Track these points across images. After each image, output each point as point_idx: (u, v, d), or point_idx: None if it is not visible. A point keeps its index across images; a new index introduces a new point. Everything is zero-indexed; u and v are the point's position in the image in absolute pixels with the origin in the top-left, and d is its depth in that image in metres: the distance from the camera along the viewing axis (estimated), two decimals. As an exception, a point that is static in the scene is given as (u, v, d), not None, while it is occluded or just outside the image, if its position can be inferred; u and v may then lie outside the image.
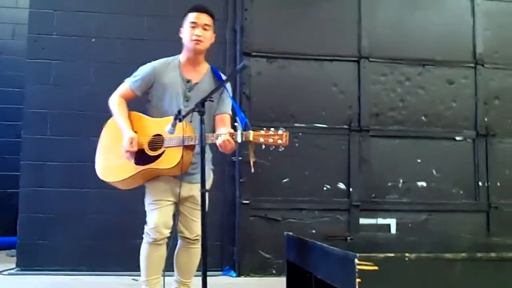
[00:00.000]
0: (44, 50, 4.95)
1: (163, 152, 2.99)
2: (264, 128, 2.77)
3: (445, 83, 5.41)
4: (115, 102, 3.19)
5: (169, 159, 2.96)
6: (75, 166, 4.82)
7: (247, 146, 2.87)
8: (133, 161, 3.04)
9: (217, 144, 2.84)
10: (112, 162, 3.15)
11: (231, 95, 3.23)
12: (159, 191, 3.08)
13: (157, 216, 3.05)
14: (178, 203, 3.09)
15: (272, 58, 5.16)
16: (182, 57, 3.22)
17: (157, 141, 3.04)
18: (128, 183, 3.13)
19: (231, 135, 2.81)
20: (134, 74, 3.22)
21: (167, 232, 3.07)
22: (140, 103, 3.26)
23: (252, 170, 3.06)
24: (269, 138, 2.74)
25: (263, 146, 2.77)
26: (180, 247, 3.27)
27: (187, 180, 3.07)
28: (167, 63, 3.22)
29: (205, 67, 3.25)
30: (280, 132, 2.74)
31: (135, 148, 3.01)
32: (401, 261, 2.33)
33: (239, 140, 2.78)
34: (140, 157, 3.04)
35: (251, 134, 2.76)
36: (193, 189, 3.08)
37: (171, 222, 3.11)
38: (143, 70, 3.20)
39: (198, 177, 2.83)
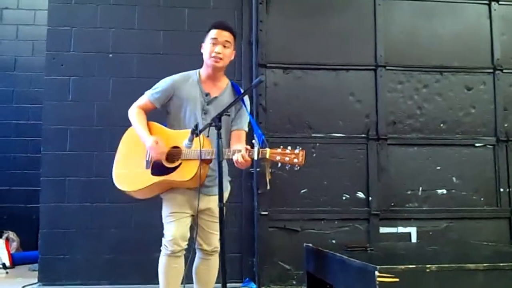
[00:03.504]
0: (62, 66, 5.01)
1: (179, 164, 3.02)
2: (281, 146, 2.79)
3: (463, 89, 5.35)
4: (134, 112, 3.24)
5: (185, 171, 2.98)
6: (94, 181, 4.86)
7: (263, 162, 2.88)
8: (150, 171, 3.07)
9: (233, 160, 2.84)
10: (129, 171, 3.18)
11: (249, 110, 3.24)
12: (176, 204, 3.11)
13: (174, 228, 3.07)
14: (196, 216, 3.12)
15: (288, 69, 5.15)
16: (203, 72, 3.26)
17: (174, 153, 3.06)
18: (144, 192, 3.16)
19: (248, 151, 2.81)
20: (154, 87, 3.26)
21: (184, 244, 3.10)
22: (157, 113, 3.31)
23: (268, 187, 3.07)
24: (286, 156, 2.77)
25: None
26: (199, 260, 3.29)
27: (204, 193, 3.08)
28: (188, 77, 3.25)
29: (225, 82, 3.28)
30: (296, 151, 2.77)
31: (164, 149, 3.05)
32: (422, 273, 2.32)
33: (255, 157, 2.79)
34: (158, 167, 3.06)
35: (267, 152, 2.78)
36: (210, 202, 3.10)
37: (188, 234, 3.13)
38: (163, 83, 3.24)
39: (215, 189, 2.86)
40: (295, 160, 2.76)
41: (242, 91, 3.26)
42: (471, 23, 5.45)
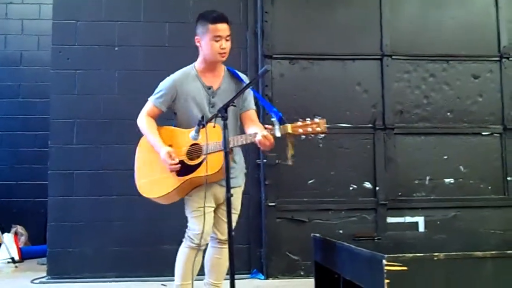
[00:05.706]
0: (68, 60, 5.02)
1: (203, 160, 3.00)
2: (300, 119, 2.78)
3: (470, 78, 5.33)
4: (143, 121, 3.20)
5: (212, 165, 2.95)
6: (101, 174, 4.88)
7: (285, 141, 2.84)
8: (175, 173, 3.05)
9: (256, 141, 2.83)
10: (152, 178, 3.16)
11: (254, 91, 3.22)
12: (202, 197, 3.06)
13: (202, 222, 3.06)
14: (213, 208, 3.11)
15: (294, 59, 5.14)
16: (199, 65, 3.22)
17: (195, 150, 3.05)
18: (171, 196, 3.13)
19: (269, 130, 2.80)
20: (156, 91, 3.22)
21: (209, 239, 3.14)
22: (165, 116, 3.30)
23: (290, 163, 2.99)
24: (308, 127, 2.76)
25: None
26: (212, 249, 3.29)
27: (224, 184, 3.06)
28: (186, 74, 3.21)
29: (221, 70, 3.25)
30: (316, 120, 2.75)
31: (176, 160, 3.01)
32: (430, 261, 2.31)
33: (278, 134, 2.77)
34: (181, 168, 3.04)
35: (289, 127, 2.77)
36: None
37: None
38: (164, 85, 3.20)
39: (235, 181, 2.86)
40: (318, 129, 2.75)
41: (240, 74, 3.25)
42: (477, 11, 5.41)
